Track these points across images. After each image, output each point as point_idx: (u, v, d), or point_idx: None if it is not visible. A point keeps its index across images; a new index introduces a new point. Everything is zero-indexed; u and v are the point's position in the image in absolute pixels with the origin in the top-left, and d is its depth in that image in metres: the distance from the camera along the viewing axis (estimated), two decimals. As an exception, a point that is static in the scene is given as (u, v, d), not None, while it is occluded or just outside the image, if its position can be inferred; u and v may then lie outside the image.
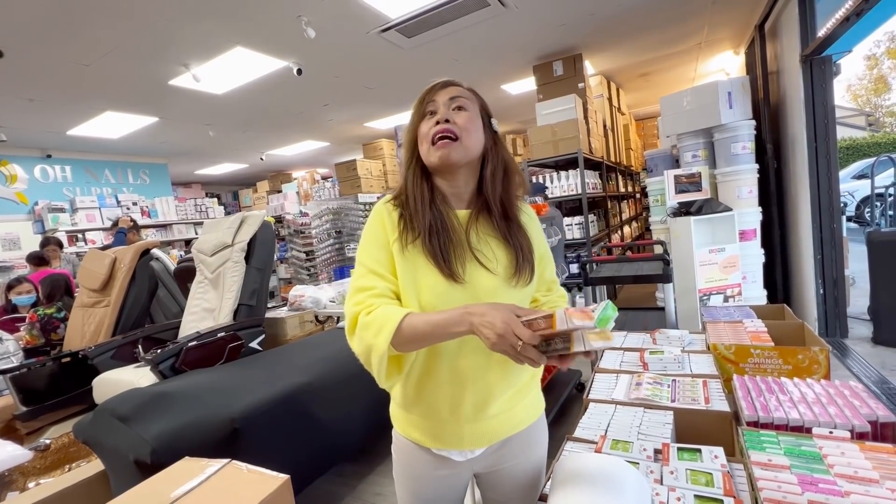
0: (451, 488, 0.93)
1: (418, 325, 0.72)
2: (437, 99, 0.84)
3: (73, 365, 2.60)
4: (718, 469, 0.84)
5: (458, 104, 0.84)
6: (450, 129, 0.81)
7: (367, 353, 0.76)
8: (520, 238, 0.86)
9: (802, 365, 1.26)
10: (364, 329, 0.75)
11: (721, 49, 5.35)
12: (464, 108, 0.84)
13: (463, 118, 0.83)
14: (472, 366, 0.82)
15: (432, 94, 0.85)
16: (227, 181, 10.44)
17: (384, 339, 0.72)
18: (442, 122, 0.82)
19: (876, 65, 22.56)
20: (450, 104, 0.84)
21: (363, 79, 4.76)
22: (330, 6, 3.12)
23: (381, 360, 0.73)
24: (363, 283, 0.81)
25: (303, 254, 6.41)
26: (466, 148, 0.82)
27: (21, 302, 3.29)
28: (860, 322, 3.31)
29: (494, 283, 0.81)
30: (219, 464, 1.12)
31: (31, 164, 5.93)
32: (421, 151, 0.85)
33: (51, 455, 1.99)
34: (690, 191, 3.34)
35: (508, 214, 0.87)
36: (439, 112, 0.83)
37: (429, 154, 0.83)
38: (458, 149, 0.81)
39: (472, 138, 0.83)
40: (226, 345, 2.31)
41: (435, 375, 0.83)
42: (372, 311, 0.76)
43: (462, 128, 0.82)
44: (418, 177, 0.85)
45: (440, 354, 0.82)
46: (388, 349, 0.72)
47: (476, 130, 0.85)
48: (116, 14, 2.91)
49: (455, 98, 0.84)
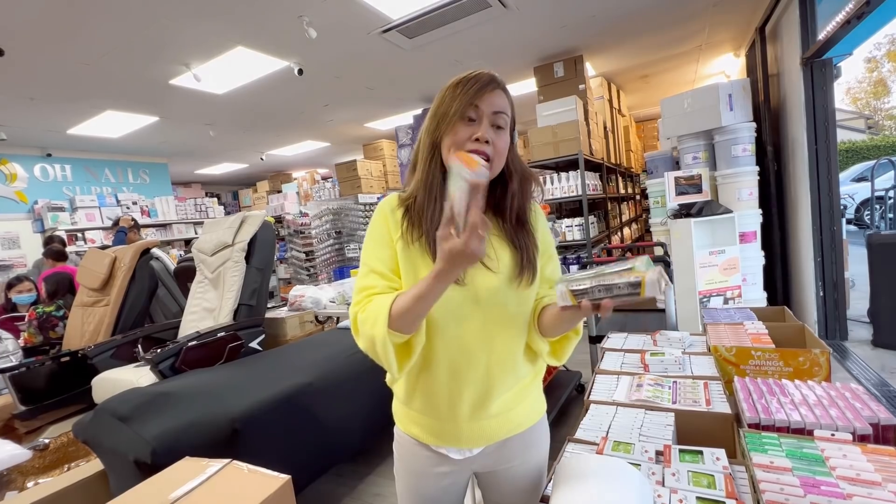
0: (451, 487, 0.93)
1: (405, 301, 0.72)
2: (483, 107, 0.78)
3: (73, 364, 2.59)
4: (720, 471, 0.84)
5: (499, 122, 0.80)
6: (487, 153, 0.77)
7: (372, 346, 0.76)
8: (526, 239, 0.86)
9: (803, 367, 1.26)
10: (363, 324, 0.77)
11: (721, 51, 5.36)
12: (502, 126, 0.81)
13: (501, 142, 0.80)
14: (470, 364, 0.83)
15: (478, 98, 0.78)
16: (227, 181, 10.44)
17: (381, 326, 0.72)
18: (482, 142, 0.77)
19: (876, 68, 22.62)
20: (493, 118, 0.79)
21: (364, 79, 4.77)
22: (331, 7, 3.12)
23: (385, 347, 0.74)
24: (364, 283, 0.82)
25: (303, 254, 6.41)
26: (493, 171, 0.81)
27: (21, 300, 3.29)
28: (860, 325, 3.31)
29: (496, 282, 0.81)
30: (219, 464, 1.11)
31: (31, 163, 5.93)
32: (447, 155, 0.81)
33: (50, 455, 1.98)
34: (691, 193, 3.34)
35: (521, 219, 0.87)
36: (482, 126, 0.78)
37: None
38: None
39: (501, 162, 0.82)
40: (226, 345, 2.31)
41: (434, 372, 0.84)
42: (367, 307, 0.77)
43: (497, 152, 0.80)
44: (437, 180, 0.81)
45: (439, 351, 0.82)
46: (389, 334, 0.72)
47: (506, 152, 0.82)
48: (117, 13, 2.91)
49: (498, 113, 0.80)
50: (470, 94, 0.78)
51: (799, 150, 3.21)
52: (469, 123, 0.79)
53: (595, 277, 0.69)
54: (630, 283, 0.66)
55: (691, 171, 3.38)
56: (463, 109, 0.78)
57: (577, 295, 0.69)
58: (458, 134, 0.78)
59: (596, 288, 0.68)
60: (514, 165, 0.86)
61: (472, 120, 0.79)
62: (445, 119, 0.79)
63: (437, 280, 0.69)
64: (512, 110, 0.84)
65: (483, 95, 0.78)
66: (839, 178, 3.11)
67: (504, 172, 0.85)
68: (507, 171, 0.85)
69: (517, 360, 0.87)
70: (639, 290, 0.66)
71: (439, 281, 0.69)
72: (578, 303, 0.70)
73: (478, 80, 0.79)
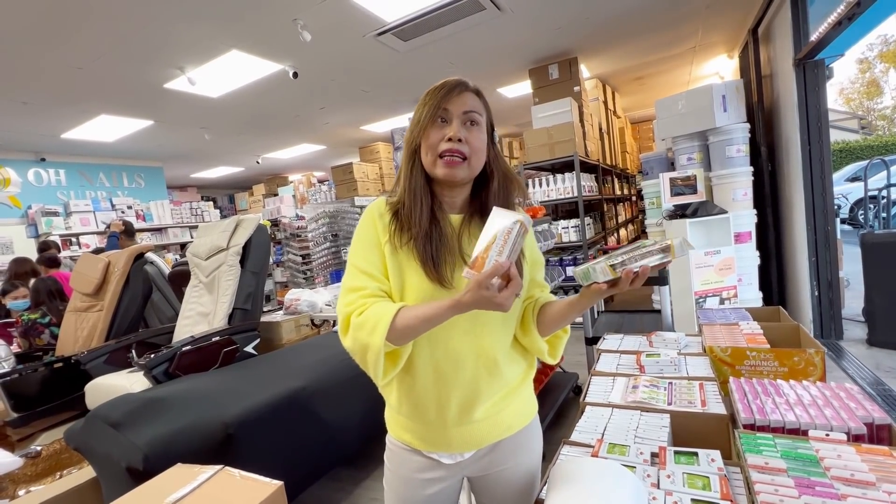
0: (443, 492, 0.92)
1: (410, 320, 0.74)
2: (451, 109, 0.81)
3: (66, 370, 2.57)
4: (715, 472, 0.83)
5: (472, 119, 0.82)
6: (461, 151, 0.80)
7: (362, 352, 0.77)
8: None
9: (798, 367, 1.26)
10: (358, 329, 0.76)
11: (715, 53, 5.39)
12: (476, 123, 0.83)
13: (475, 139, 0.82)
14: (457, 369, 0.83)
15: (447, 101, 0.81)
16: (222, 184, 10.41)
17: (379, 337, 0.73)
18: (455, 141, 0.80)
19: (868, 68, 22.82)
20: (463, 118, 0.82)
21: (359, 82, 4.77)
22: (326, 10, 3.12)
23: (377, 358, 0.75)
24: (354, 284, 0.82)
25: (299, 257, 6.39)
26: (472, 168, 0.83)
27: (16, 307, 3.26)
28: (855, 324, 3.32)
29: None
30: (211, 470, 1.10)
31: (25, 168, 5.89)
32: (424, 160, 0.83)
33: (42, 462, 1.96)
34: (686, 193, 3.35)
35: None
36: (452, 126, 0.81)
37: (434, 167, 0.82)
38: (464, 169, 0.82)
39: (479, 159, 0.84)
40: (220, 349, 2.29)
41: (422, 378, 0.84)
42: (364, 311, 0.77)
43: (473, 149, 0.81)
44: (420, 184, 0.83)
45: (426, 357, 0.83)
46: (385, 345, 0.74)
47: (483, 149, 0.84)
48: (111, 17, 2.90)
49: (469, 112, 0.82)
50: (438, 98, 0.81)
51: (793, 150, 3.23)
52: (441, 125, 0.81)
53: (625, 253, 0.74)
54: (660, 248, 0.72)
55: (686, 171, 3.39)
56: (433, 113, 0.81)
57: (616, 268, 0.73)
58: (430, 137, 0.81)
59: (631, 258, 0.73)
60: (495, 165, 0.88)
61: (445, 121, 0.81)
62: (418, 125, 0.82)
63: (452, 310, 0.72)
64: (487, 111, 0.86)
65: (451, 98, 0.81)
66: (833, 177, 3.13)
67: (486, 172, 0.87)
68: (487, 171, 0.87)
69: (504, 364, 0.88)
70: (669, 253, 0.71)
71: (454, 312, 0.72)
72: (618, 274, 0.73)
73: (445, 85, 0.82)
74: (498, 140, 0.93)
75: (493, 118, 0.92)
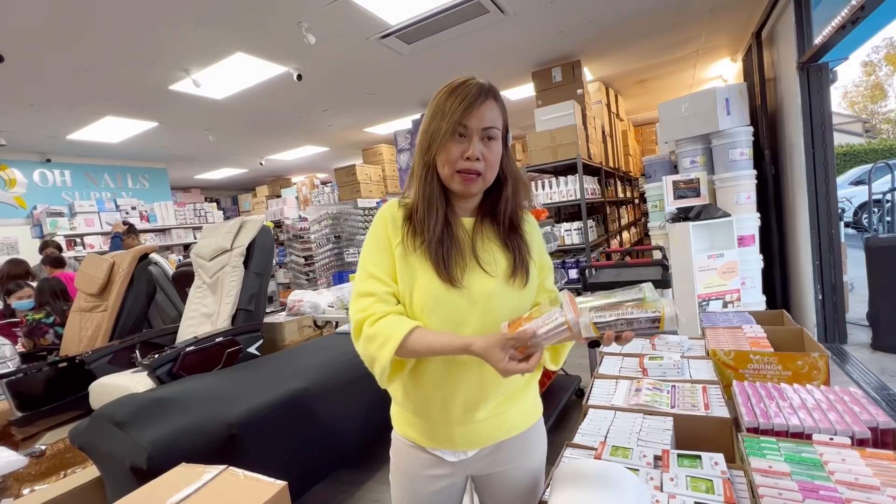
0: (447, 490, 0.93)
1: (420, 348, 0.77)
2: (471, 125, 0.80)
3: (70, 370, 2.58)
4: (719, 476, 0.83)
5: (490, 134, 0.82)
6: (478, 170, 0.81)
7: (370, 362, 0.81)
8: (518, 241, 0.88)
9: (802, 371, 1.26)
10: (369, 341, 0.79)
11: (718, 56, 5.39)
12: (493, 138, 0.83)
13: (491, 154, 0.82)
14: (464, 370, 0.84)
15: (467, 117, 0.79)
16: (226, 186, 10.45)
17: (387, 354, 0.77)
18: (473, 160, 0.80)
19: (873, 72, 22.75)
20: (482, 134, 0.81)
21: (363, 84, 4.78)
22: (330, 13, 3.14)
23: (383, 370, 0.79)
24: (365, 288, 0.83)
25: (302, 259, 6.40)
26: (486, 181, 0.85)
27: (21, 307, 3.28)
28: (859, 328, 3.30)
29: (492, 285, 0.83)
30: (215, 470, 1.11)
31: (31, 169, 5.93)
32: (441, 172, 0.83)
33: (46, 461, 1.97)
34: (689, 196, 3.35)
35: (514, 224, 0.90)
36: (472, 143, 0.80)
37: (451, 180, 0.83)
38: (479, 184, 0.84)
39: (493, 172, 0.85)
40: (223, 350, 2.30)
41: (429, 377, 0.85)
42: (376, 322, 0.79)
43: (488, 164, 0.82)
44: (436, 194, 0.84)
45: (435, 359, 0.84)
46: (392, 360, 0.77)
47: (497, 161, 0.85)
48: (117, 19, 2.92)
49: (488, 129, 0.81)
50: (459, 113, 0.79)
51: (796, 153, 3.22)
52: (460, 140, 0.81)
53: (613, 308, 0.72)
54: (650, 318, 0.71)
55: (689, 174, 3.39)
56: (453, 129, 0.80)
57: (599, 327, 0.73)
58: (450, 152, 0.81)
59: (618, 322, 0.71)
60: (508, 171, 0.88)
61: (463, 136, 0.81)
62: (437, 139, 0.81)
63: (461, 351, 0.75)
64: (504, 117, 0.86)
65: (472, 112, 0.79)
66: (837, 181, 3.12)
67: (499, 178, 0.88)
68: (501, 176, 0.88)
69: None
70: (658, 325, 0.70)
71: (462, 353, 0.76)
72: (601, 335, 0.72)
73: (466, 95, 0.79)
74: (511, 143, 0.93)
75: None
